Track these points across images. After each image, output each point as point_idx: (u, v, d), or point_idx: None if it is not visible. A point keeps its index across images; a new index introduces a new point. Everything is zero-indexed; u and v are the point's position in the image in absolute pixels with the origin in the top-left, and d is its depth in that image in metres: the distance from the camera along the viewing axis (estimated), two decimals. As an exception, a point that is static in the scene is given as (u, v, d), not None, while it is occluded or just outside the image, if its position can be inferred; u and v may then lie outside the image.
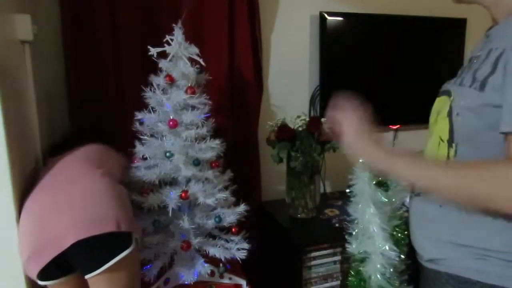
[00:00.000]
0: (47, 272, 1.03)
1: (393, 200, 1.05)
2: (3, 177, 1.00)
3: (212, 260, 1.44)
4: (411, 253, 1.06)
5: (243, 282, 1.50)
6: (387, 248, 1.01)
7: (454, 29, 2.13)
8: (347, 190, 1.12)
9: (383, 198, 1.03)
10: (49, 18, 1.57)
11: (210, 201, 1.34)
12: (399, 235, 1.05)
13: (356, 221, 1.10)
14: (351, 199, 1.10)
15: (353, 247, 1.10)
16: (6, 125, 0.99)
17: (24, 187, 1.12)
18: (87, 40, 1.59)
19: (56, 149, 1.28)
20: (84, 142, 1.29)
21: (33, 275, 1.03)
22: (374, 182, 1.04)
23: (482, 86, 0.85)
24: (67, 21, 1.56)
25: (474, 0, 0.97)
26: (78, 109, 1.61)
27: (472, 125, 0.87)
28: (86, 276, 1.04)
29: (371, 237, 1.03)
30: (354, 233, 1.11)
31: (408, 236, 1.06)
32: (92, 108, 1.63)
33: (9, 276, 1.07)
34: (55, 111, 1.61)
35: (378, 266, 1.02)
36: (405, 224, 1.08)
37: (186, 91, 1.35)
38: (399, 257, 1.03)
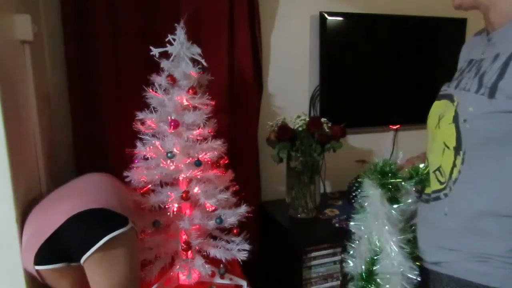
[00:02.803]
0: (43, 256, 1.02)
1: (405, 213, 1.00)
2: (3, 176, 0.99)
3: (213, 261, 1.43)
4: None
5: (243, 283, 1.50)
6: (407, 267, 0.96)
7: (454, 29, 2.13)
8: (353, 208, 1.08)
9: (398, 215, 0.98)
10: (49, 18, 1.56)
11: (211, 202, 1.34)
12: (411, 249, 1.00)
13: (358, 240, 1.05)
14: (354, 216, 1.05)
15: (350, 266, 1.06)
16: (6, 125, 0.98)
17: (25, 187, 1.11)
18: (87, 40, 1.58)
19: None
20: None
21: (30, 261, 1.02)
22: (386, 199, 0.99)
23: (492, 93, 0.84)
24: (67, 21, 1.55)
25: (472, 6, 0.97)
26: (79, 110, 1.61)
27: (482, 132, 0.86)
28: (82, 260, 1.02)
29: (388, 257, 0.98)
30: (354, 252, 1.06)
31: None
32: (92, 109, 1.62)
33: (9, 276, 1.06)
34: (55, 111, 1.61)
35: (399, 287, 0.97)
36: (415, 236, 1.05)
37: (188, 92, 1.34)
38: (420, 275, 0.97)
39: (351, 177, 1.91)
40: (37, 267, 1.03)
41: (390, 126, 2.21)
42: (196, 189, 1.35)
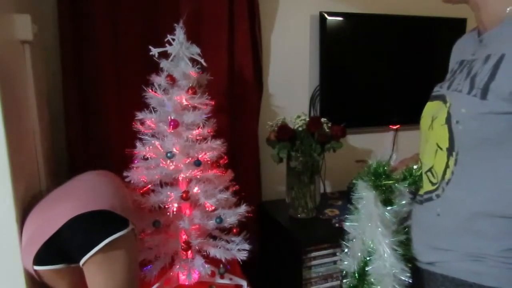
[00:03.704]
0: (43, 257, 1.02)
1: (399, 214, 1.00)
2: (3, 177, 0.99)
3: (213, 261, 1.43)
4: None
5: (243, 283, 1.50)
6: (398, 269, 0.96)
7: (454, 29, 2.13)
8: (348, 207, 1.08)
9: (391, 217, 0.98)
10: (48, 18, 1.56)
11: (211, 202, 1.34)
12: (404, 251, 1.00)
13: (353, 239, 1.05)
14: (348, 216, 1.06)
15: (345, 264, 1.06)
16: (6, 125, 0.98)
17: (25, 186, 1.12)
18: (85, 40, 1.58)
19: None
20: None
21: (30, 261, 1.02)
22: (380, 200, 0.99)
23: (484, 94, 0.83)
24: (64, 21, 1.55)
25: (461, 0, 0.96)
26: (75, 110, 1.60)
27: (474, 133, 0.85)
28: (81, 262, 1.02)
29: (381, 259, 0.98)
30: (348, 250, 1.06)
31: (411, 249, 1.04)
32: (90, 109, 1.62)
33: (9, 276, 1.06)
34: (55, 112, 1.61)
35: None
36: (408, 237, 1.05)
37: (187, 92, 1.34)
38: (411, 277, 0.97)
39: (351, 177, 1.90)
40: (36, 268, 1.03)
41: (390, 126, 2.21)
42: (196, 189, 1.35)
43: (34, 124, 1.27)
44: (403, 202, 1.00)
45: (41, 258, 1.02)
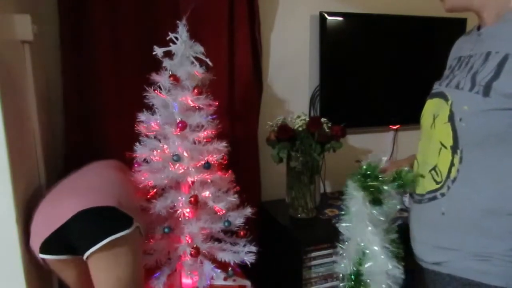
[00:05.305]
0: (48, 246, 1.05)
1: (389, 214, 1.03)
2: (3, 176, 0.99)
3: (216, 262, 1.41)
4: (406, 257, 1.06)
5: (247, 283, 1.49)
6: (391, 267, 0.99)
7: (454, 29, 2.13)
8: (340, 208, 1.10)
9: (380, 217, 1.00)
10: (48, 18, 1.56)
11: (220, 205, 1.31)
12: (396, 249, 1.02)
13: (347, 241, 1.07)
14: (342, 217, 1.08)
15: (341, 267, 1.08)
16: (6, 126, 0.98)
17: (25, 186, 1.12)
18: (85, 40, 1.57)
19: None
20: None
21: (37, 249, 1.06)
22: (368, 200, 1.01)
23: (487, 92, 0.84)
24: (65, 20, 1.54)
25: (464, 8, 0.97)
26: (75, 111, 1.59)
27: (478, 130, 0.86)
28: (85, 255, 1.05)
29: (373, 258, 1.01)
30: (343, 253, 1.08)
31: (404, 248, 1.05)
32: (89, 110, 1.61)
33: (9, 275, 1.06)
34: (54, 112, 1.60)
35: (384, 286, 1.00)
36: (401, 236, 1.06)
37: (192, 92, 1.31)
38: (404, 273, 1.00)
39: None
40: (42, 256, 1.06)
41: (390, 126, 2.21)
42: (207, 193, 1.32)
43: (34, 123, 1.27)
44: (393, 202, 1.02)
45: (47, 247, 1.06)
